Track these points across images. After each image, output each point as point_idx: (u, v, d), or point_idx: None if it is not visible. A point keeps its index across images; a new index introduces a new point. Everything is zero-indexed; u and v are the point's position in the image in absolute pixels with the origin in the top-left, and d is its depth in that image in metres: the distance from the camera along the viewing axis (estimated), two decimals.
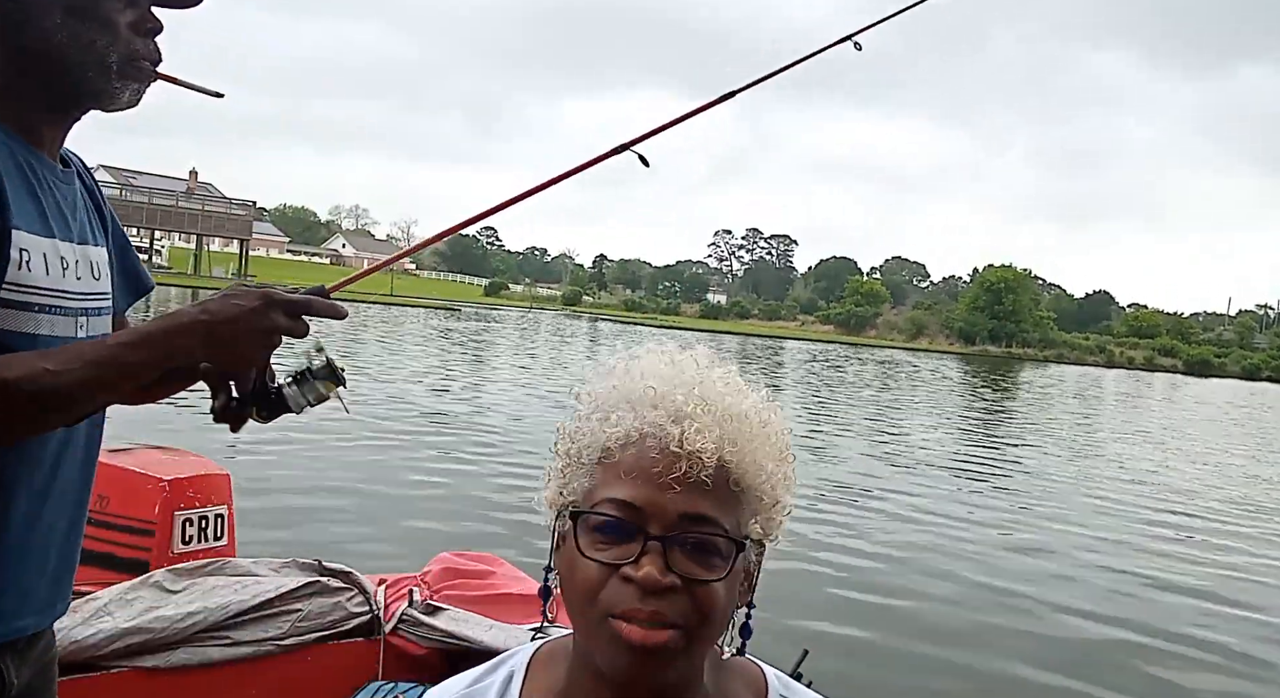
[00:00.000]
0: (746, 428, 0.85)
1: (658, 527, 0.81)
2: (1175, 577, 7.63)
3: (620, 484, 0.83)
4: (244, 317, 1.21)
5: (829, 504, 9.18)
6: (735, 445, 0.84)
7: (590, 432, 0.87)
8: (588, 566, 0.83)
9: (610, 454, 0.85)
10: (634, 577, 0.80)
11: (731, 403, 0.86)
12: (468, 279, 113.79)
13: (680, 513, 0.81)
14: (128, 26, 1.28)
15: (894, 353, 60.32)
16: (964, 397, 28.54)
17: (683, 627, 0.81)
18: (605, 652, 0.82)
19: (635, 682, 0.82)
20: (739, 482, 0.84)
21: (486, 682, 0.94)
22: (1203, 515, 10.69)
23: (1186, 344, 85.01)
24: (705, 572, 0.82)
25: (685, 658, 0.83)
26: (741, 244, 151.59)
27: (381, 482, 8.17)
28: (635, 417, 0.85)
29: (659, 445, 0.82)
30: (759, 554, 0.90)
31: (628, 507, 0.82)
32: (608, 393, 0.88)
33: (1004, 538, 8.53)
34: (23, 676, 1.35)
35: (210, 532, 2.89)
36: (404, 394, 14.55)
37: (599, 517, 0.83)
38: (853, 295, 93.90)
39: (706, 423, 0.83)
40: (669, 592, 0.80)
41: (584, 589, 0.83)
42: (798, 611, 5.82)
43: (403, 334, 31.60)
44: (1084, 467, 14.26)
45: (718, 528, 0.82)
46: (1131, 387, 45.84)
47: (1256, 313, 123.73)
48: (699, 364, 0.89)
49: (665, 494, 0.81)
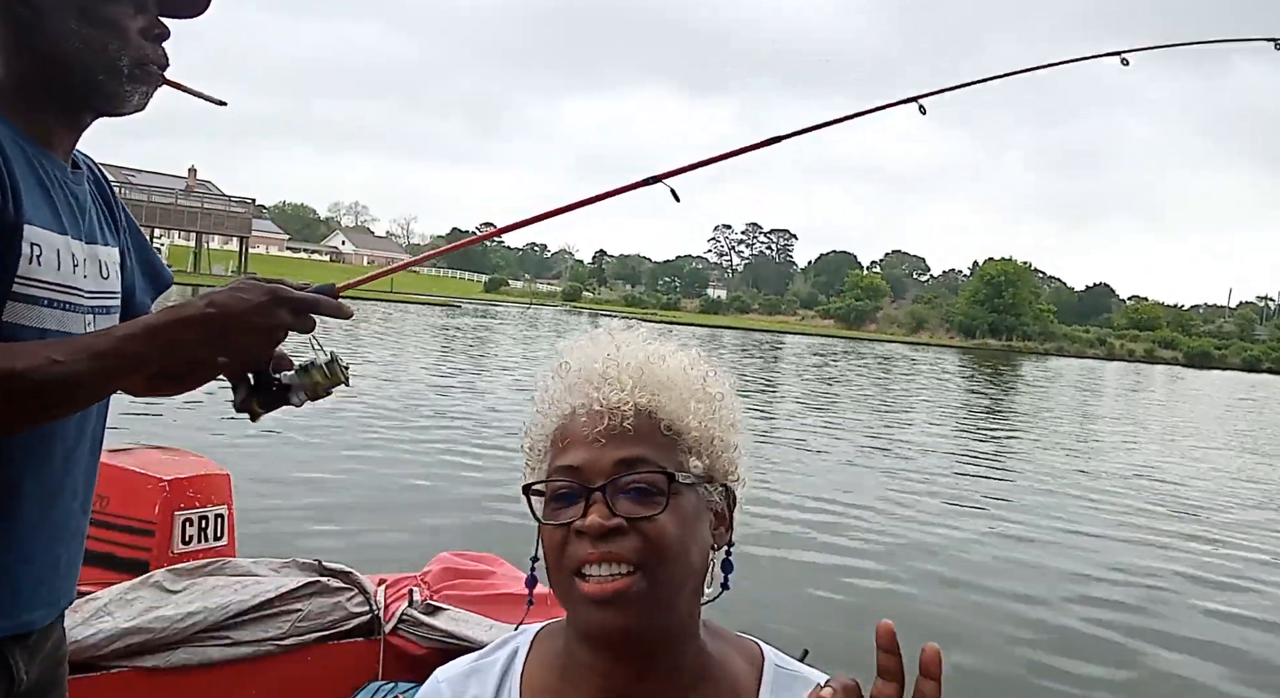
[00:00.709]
0: (664, 374, 0.92)
1: (599, 479, 0.88)
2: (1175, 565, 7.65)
3: (563, 454, 0.91)
4: (249, 312, 1.21)
5: (829, 504, 9.19)
6: (654, 392, 0.90)
7: (540, 424, 0.96)
8: (550, 532, 0.90)
9: (555, 437, 0.93)
10: (583, 527, 0.87)
11: (646, 357, 0.93)
12: (467, 275, 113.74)
13: (613, 461, 0.89)
14: (138, 32, 1.31)
15: (894, 347, 60.30)
16: (961, 391, 28.54)
17: (638, 566, 0.86)
18: (577, 612, 0.88)
19: (608, 634, 0.87)
20: (670, 426, 0.91)
21: (492, 658, 0.99)
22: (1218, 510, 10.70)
23: (1187, 336, 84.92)
24: (648, 509, 0.87)
25: (652, 601, 0.87)
26: (741, 239, 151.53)
27: (381, 482, 8.17)
28: (569, 394, 0.93)
29: (586, 410, 0.91)
30: (724, 496, 0.94)
31: (569, 470, 0.90)
32: (550, 386, 0.96)
33: (1004, 536, 8.53)
34: (33, 672, 1.36)
35: (210, 532, 2.89)
36: (404, 393, 14.55)
37: (549, 484, 0.91)
38: (853, 290, 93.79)
39: (621, 378, 0.90)
40: (617, 534, 0.86)
41: (551, 552, 0.90)
42: (797, 609, 5.82)
43: (402, 331, 31.60)
44: (1087, 462, 14.26)
45: (650, 466, 0.89)
46: (1131, 379, 45.83)
47: (1257, 305, 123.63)
48: (613, 335, 0.97)
49: (598, 450, 0.89)
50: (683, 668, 0.92)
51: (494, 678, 0.97)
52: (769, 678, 0.95)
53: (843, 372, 31.58)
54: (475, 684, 0.97)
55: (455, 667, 0.99)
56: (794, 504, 8.72)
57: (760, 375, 26.87)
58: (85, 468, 1.41)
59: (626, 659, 0.90)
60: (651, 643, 0.90)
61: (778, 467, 10.73)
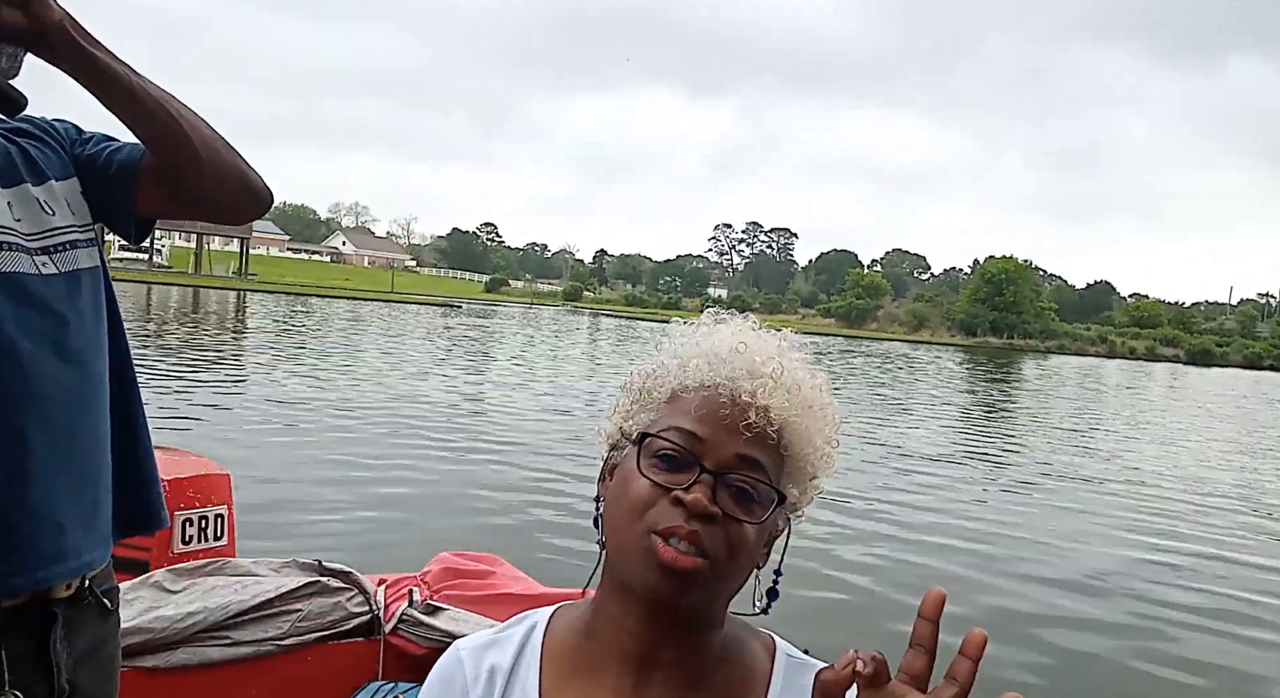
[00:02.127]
0: (809, 403, 0.93)
1: (713, 462, 0.89)
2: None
3: (687, 418, 0.91)
4: None
5: (829, 506, 9.19)
6: (797, 415, 0.92)
7: (665, 374, 0.95)
8: (643, 484, 0.90)
9: (681, 395, 0.93)
10: (684, 499, 0.87)
11: (803, 378, 0.94)
12: (468, 275, 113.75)
13: (737, 454, 0.89)
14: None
15: (895, 345, 60.30)
16: (962, 390, 28.53)
17: (713, 558, 0.87)
18: (639, 565, 0.88)
19: (661, 599, 0.88)
20: (789, 449, 0.93)
21: (510, 631, 1.01)
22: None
23: (1188, 334, 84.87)
24: (744, 513, 0.89)
25: (708, 590, 0.89)
26: (742, 238, 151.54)
27: (381, 482, 8.16)
28: (711, 368, 0.92)
29: (730, 395, 0.90)
30: (787, 523, 0.98)
31: (692, 437, 0.90)
32: (687, 343, 0.96)
33: (1004, 535, 8.53)
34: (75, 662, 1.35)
35: (210, 532, 2.89)
36: (404, 393, 14.55)
37: (663, 441, 0.90)
38: (853, 288, 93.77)
39: (777, 388, 0.91)
40: (710, 520, 0.87)
41: (635, 503, 0.89)
42: (796, 610, 5.82)
43: (402, 331, 31.62)
44: (1099, 460, 14.26)
45: (765, 478, 0.90)
46: (1132, 377, 45.81)
47: (1258, 302, 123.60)
48: (780, 341, 0.97)
49: (728, 436, 0.89)
50: (706, 648, 0.96)
51: (513, 648, 0.99)
52: (780, 665, 0.99)
53: (848, 369, 31.59)
54: (494, 655, 0.99)
55: (475, 639, 1.01)
56: (825, 486, 8.70)
57: None
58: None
59: (660, 624, 0.92)
60: (687, 620, 0.93)
61: None
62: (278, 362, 17.77)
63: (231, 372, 15.91)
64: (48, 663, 1.33)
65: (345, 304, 47.62)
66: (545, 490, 8.25)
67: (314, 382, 14.94)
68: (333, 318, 35.51)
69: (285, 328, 27.77)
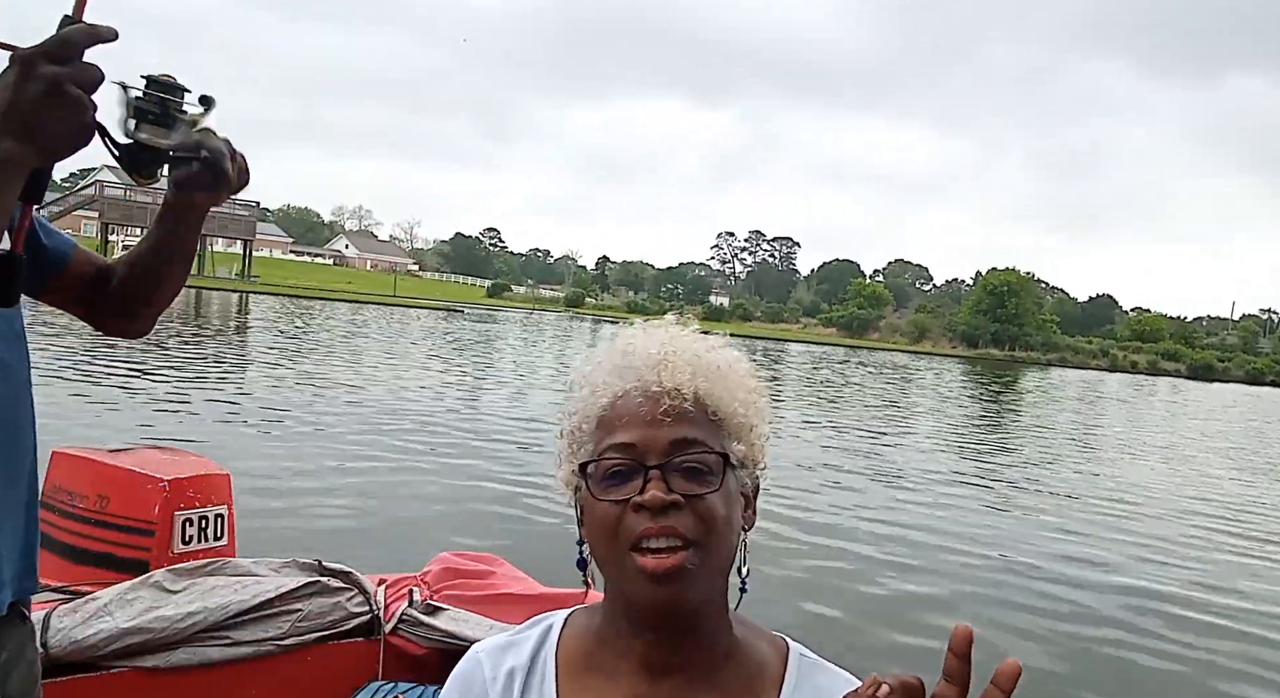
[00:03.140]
0: (718, 363, 0.97)
1: (654, 457, 0.92)
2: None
3: (617, 433, 0.94)
4: (18, 89, 1.02)
5: (830, 511, 9.18)
6: (708, 380, 0.95)
7: (585, 406, 0.98)
8: (603, 507, 0.93)
9: (605, 416, 0.96)
10: (643, 502, 0.90)
11: (700, 348, 0.98)
12: (470, 280, 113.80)
13: (670, 440, 0.92)
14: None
15: (896, 356, 60.26)
16: (963, 403, 28.50)
17: (693, 542, 0.90)
18: (632, 585, 0.91)
19: (663, 607, 0.91)
20: (716, 411, 0.95)
21: (528, 633, 1.03)
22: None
23: (1190, 348, 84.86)
24: (701, 487, 0.92)
25: (703, 577, 0.91)
26: (744, 246, 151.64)
27: (381, 482, 8.16)
28: (620, 378, 0.96)
29: (643, 391, 0.94)
30: (752, 479, 1.00)
31: (626, 447, 0.93)
32: (594, 370, 0.99)
33: (1005, 537, 8.52)
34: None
35: (210, 532, 2.88)
36: (404, 394, 14.56)
37: (604, 461, 0.94)
38: (855, 298, 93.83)
39: (680, 364, 0.95)
40: (674, 509, 0.90)
41: (605, 529, 0.92)
42: (800, 615, 5.82)
43: (404, 335, 31.62)
44: (1092, 477, 14.23)
45: (704, 447, 0.93)
46: (1134, 392, 45.74)
47: (1260, 317, 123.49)
48: (668, 326, 1.01)
49: (655, 429, 0.92)
50: (716, 644, 0.98)
51: (529, 649, 1.01)
52: (794, 665, 1.00)
53: (848, 380, 31.57)
54: (512, 656, 1.01)
55: (493, 641, 1.04)
56: (795, 510, 8.70)
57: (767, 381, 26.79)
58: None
59: (669, 631, 0.94)
60: (695, 616, 0.94)
61: (778, 472, 10.73)
62: (279, 363, 17.77)
63: (233, 372, 15.92)
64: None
65: (347, 307, 47.65)
66: (546, 491, 8.23)
67: (315, 383, 14.95)
68: (335, 321, 35.53)
69: (287, 330, 27.78)
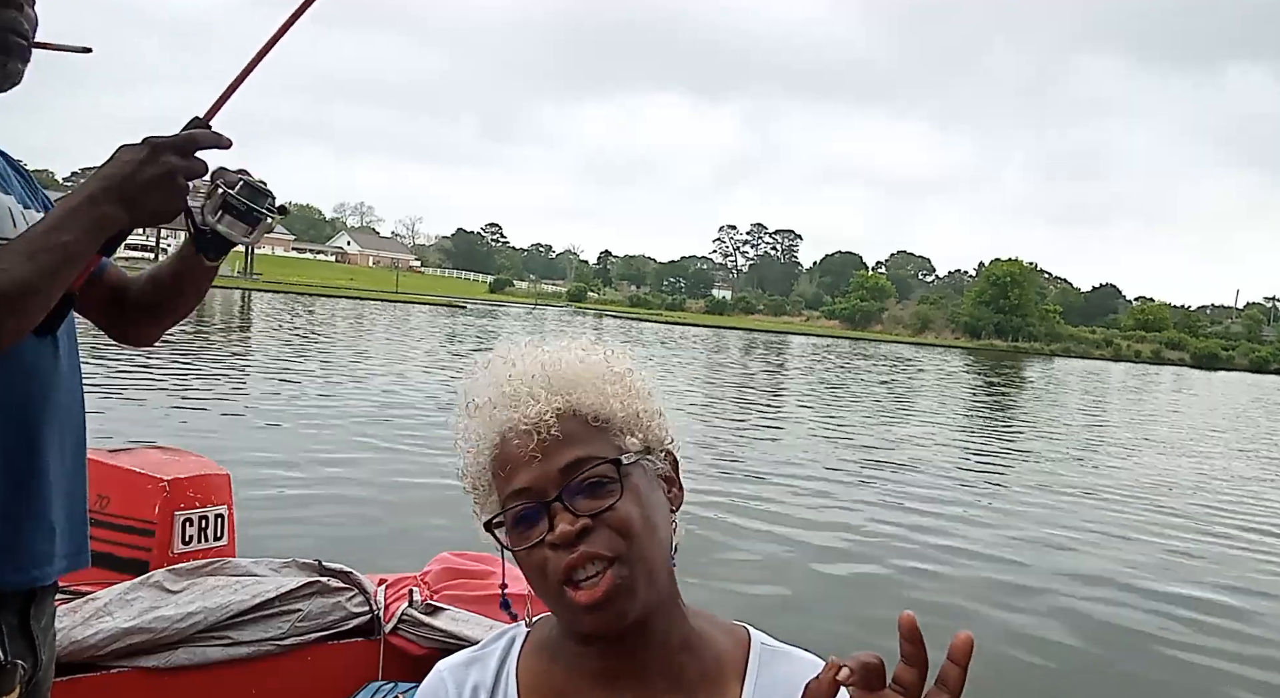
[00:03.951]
0: (568, 371, 0.95)
1: (552, 489, 0.91)
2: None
3: (509, 481, 0.93)
4: (140, 169, 1.23)
5: (830, 502, 9.17)
6: (567, 392, 0.93)
7: (473, 465, 0.98)
8: (525, 555, 0.93)
9: (493, 467, 0.95)
10: (554, 540, 0.90)
11: (547, 360, 0.96)
12: (472, 276, 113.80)
13: (559, 469, 0.91)
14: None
15: (899, 348, 60.22)
16: (970, 393, 28.48)
17: (615, 556, 0.90)
18: (574, 620, 0.92)
19: (605, 630, 0.91)
20: (594, 416, 0.94)
21: (491, 648, 1.03)
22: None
23: (1194, 337, 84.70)
24: (605, 498, 0.91)
25: (639, 585, 0.91)
26: (746, 239, 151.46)
27: (381, 482, 8.15)
28: (490, 429, 0.95)
29: (515, 434, 0.93)
30: (665, 459, 0.98)
31: (522, 493, 0.92)
32: (470, 424, 0.98)
33: (1005, 533, 8.51)
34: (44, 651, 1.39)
35: (210, 532, 2.89)
36: (405, 393, 14.56)
37: (508, 513, 0.94)
38: (858, 290, 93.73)
39: (534, 391, 0.93)
40: (587, 533, 0.90)
41: (534, 573, 0.92)
42: (793, 609, 5.82)
43: (406, 332, 31.63)
44: (1095, 468, 14.22)
45: (592, 460, 0.92)
46: (1142, 382, 45.71)
47: (1264, 306, 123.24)
48: (505, 353, 0.99)
49: (542, 465, 0.91)
50: (670, 639, 0.96)
51: (493, 665, 1.01)
52: (756, 653, 0.99)
53: (846, 372, 31.57)
54: (476, 673, 1.00)
55: (456, 658, 1.03)
56: (788, 502, 8.71)
57: (764, 376, 26.87)
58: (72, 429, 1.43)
59: (617, 644, 0.94)
60: (642, 625, 0.93)
61: (780, 468, 10.72)
62: (280, 361, 17.78)
63: (234, 371, 15.93)
64: (30, 637, 1.37)
65: (350, 304, 47.67)
66: None
67: (315, 382, 14.96)
68: (337, 318, 35.54)
69: (289, 328, 27.80)
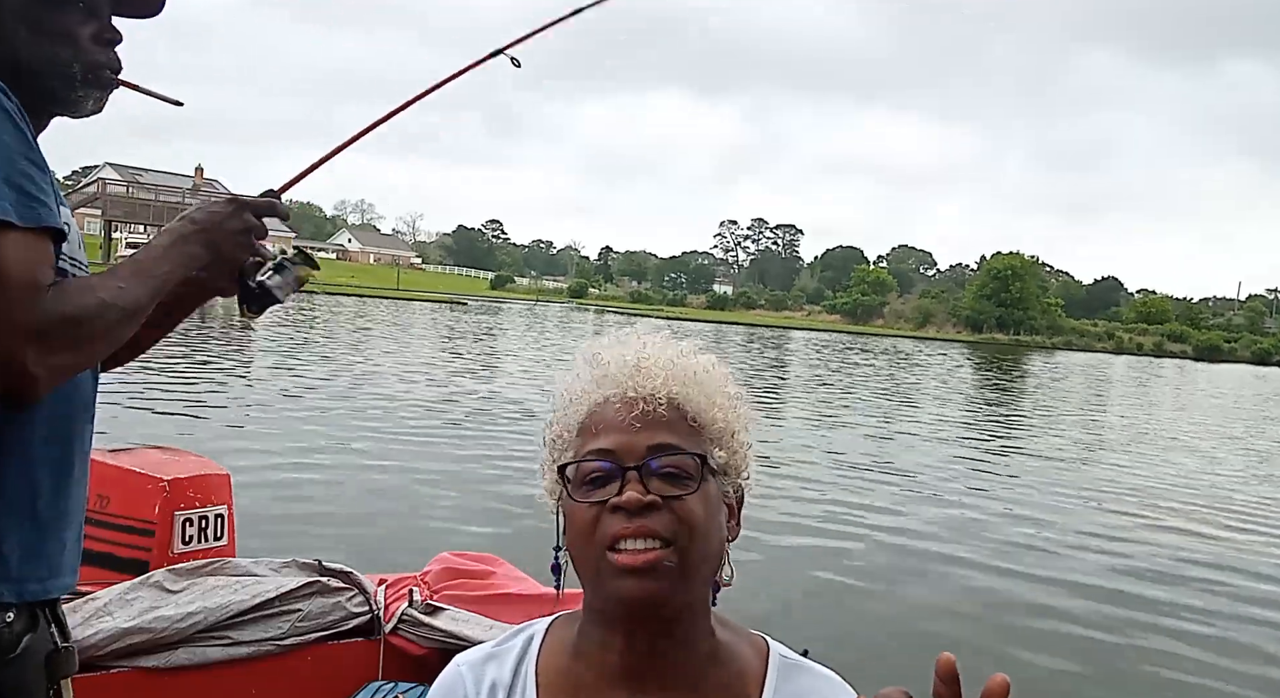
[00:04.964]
0: (692, 371, 0.98)
1: (632, 461, 0.93)
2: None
3: (596, 439, 0.95)
4: (225, 220, 1.37)
5: (831, 504, 9.17)
6: (684, 385, 0.96)
7: (565, 415, 1.00)
8: (582, 508, 0.93)
9: (585, 424, 0.97)
10: (620, 503, 0.91)
11: (675, 353, 0.99)
12: (474, 272, 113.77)
13: (648, 445, 0.93)
14: (89, 38, 1.36)
15: (901, 342, 60.18)
16: (968, 388, 28.46)
17: (670, 541, 0.90)
18: (609, 585, 0.91)
19: (638, 601, 0.90)
20: (696, 417, 0.96)
21: (510, 644, 1.03)
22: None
23: (1196, 330, 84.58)
24: (679, 489, 0.93)
25: (680, 576, 0.91)
26: (747, 234, 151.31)
27: (382, 481, 8.14)
28: (598, 386, 0.97)
29: (620, 397, 0.96)
30: (736, 489, 1.00)
31: (604, 452, 0.94)
32: (573, 382, 1.01)
33: (1007, 531, 8.51)
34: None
35: (210, 532, 2.89)
36: (405, 392, 14.55)
37: (584, 465, 0.95)
38: (859, 284, 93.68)
39: (654, 369, 0.96)
40: (651, 509, 0.91)
41: (582, 529, 0.93)
42: (795, 609, 5.82)
43: (408, 330, 31.63)
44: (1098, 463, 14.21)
45: (681, 451, 0.94)
46: (1142, 373, 45.66)
47: (1266, 298, 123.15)
48: (640, 334, 1.02)
49: (632, 434, 0.94)
50: (695, 649, 0.97)
51: (511, 662, 1.01)
52: (774, 667, 1.00)
53: (849, 367, 31.56)
54: (493, 669, 1.01)
55: (474, 653, 1.03)
56: (795, 502, 8.70)
57: (768, 370, 26.85)
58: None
59: (644, 635, 0.94)
60: (671, 619, 0.94)
61: (780, 466, 10.72)
62: (280, 361, 17.77)
63: (233, 371, 15.93)
64: (64, 629, 1.40)
65: (351, 302, 47.66)
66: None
67: (316, 381, 14.94)
68: (338, 316, 35.55)
69: (289, 326, 27.80)
